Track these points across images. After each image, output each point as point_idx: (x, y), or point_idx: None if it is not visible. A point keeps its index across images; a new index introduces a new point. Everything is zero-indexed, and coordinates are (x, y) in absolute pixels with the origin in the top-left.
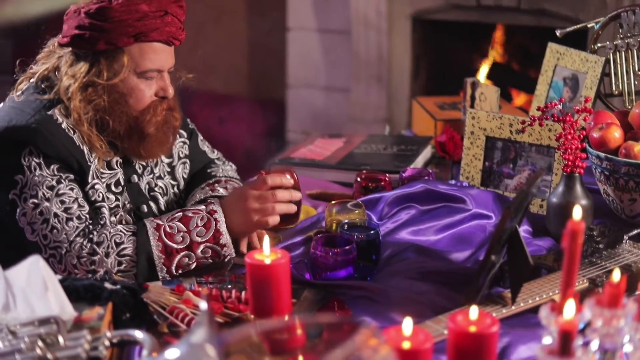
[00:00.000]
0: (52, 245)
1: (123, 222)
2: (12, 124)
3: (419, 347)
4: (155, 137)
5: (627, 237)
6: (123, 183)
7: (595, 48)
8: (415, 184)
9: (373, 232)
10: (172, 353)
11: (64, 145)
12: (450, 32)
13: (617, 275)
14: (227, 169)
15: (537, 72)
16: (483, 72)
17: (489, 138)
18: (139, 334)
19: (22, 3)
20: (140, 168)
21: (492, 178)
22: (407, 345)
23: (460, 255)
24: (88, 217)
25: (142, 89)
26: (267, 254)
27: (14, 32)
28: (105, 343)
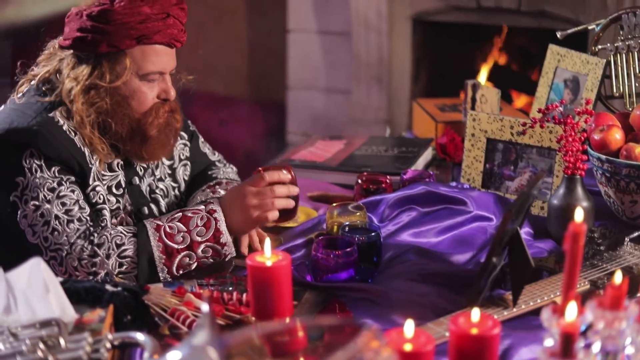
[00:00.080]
0: (53, 248)
1: (124, 224)
2: (13, 126)
3: (421, 349)
4: (157, 139)
5: (628, 239)
6: (124, 185)
7: (596, 50)
8: (416, 186)
9: (374, 234)
10: (173, 355)
11: (65, 147)
12: (451, 33)
13: (618, 278)
14: (227, 171)
15: (537, 73)
16: (483, 74)
17: (490, 140)
18: (140, 336)
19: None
20: (141, 170)
21: (493, 180)
22: (408, 348)
23: (462, 257)
24: (89, 219)
25: (144, 92)
26: (268, 256)
27: (14, 33)
28: (107, 345)
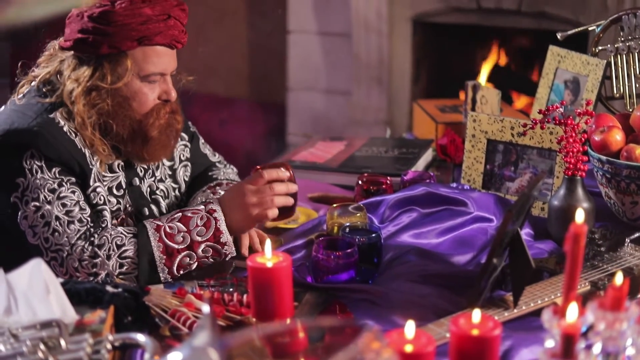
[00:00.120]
0: (53, 248)
1: (124, 225)
2: (13, 127)
3: (422, 350)
4: (159, 140)
5: (628, 240)
6: (124, 186)
7: (596, 51)
8: (417, 187)
9: (374, 235)
10: (174, 356)
11: (66, 148)
12: (451, 34)
13: (619, 279)
14: (228, 172)
15: (537, 74)
16: (484, 75)
17: (490, 141)
18: (141, 338)
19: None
20: (142, 171)
21: (493, 181)
22: (409, 349)
23: (462, 258)
24: (89, 220)
25: (145, 93)
26: (269, 257)
27: (13, 34)
28: (107, 346)
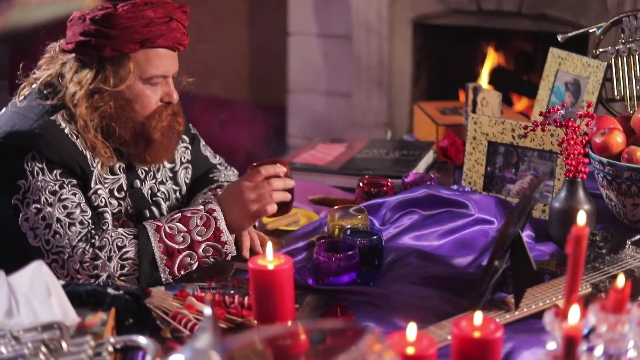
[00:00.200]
0: (54, 251)
1: (125, 227)
2: (15, 129)
3: (423, 352)
4: (161, 142)
5: (629, 242)
6: (126, 188)
7: (597, 53)
8: (418, 189)
9: (376, 237)
10: (176, 359)
11: (67, 151)
12: (451, 36)
13: (621, 281)
14: (229, 174)
15: (538, 77)
16: (484, 77)
17: (491, 143)
18: (142, 340)
19: (27, 8)
20: (143, 173)
21: (494, 183)
22: (411, 351)
23: (463, 261)
24: (90, 222)
25: (147, 95)
26: (270, 260)
27: (12, 36)
28: (109, 349)
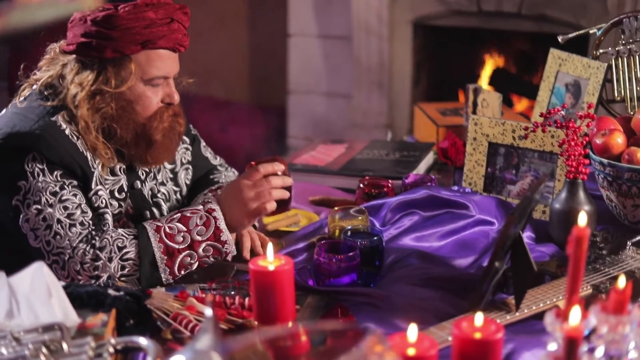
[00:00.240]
0: (55, 252)
1: (125, 227)
2: (15, 130)
3: (424, 353)
4: (162, 143)
5: (630, 243)
6: (126, 189)
7: (597, 54)
8: (418, 190)
9: (376, 238)
10: None
11: (68, 152)
12: (451, 37)
13: (622, 282)
14: (229, 175)
15: (538, 78)
16: (484, 78)
17: (492, 144)
18: (143, 341)
19: (29, 9)
20: (143, 174)
21: (494, 184)
22: (412, 352)
23: (464, 262)
24: (91, 223)
25: (148, 96)
26: (270, 261)
27: (10, 37)
28: (109, 350)
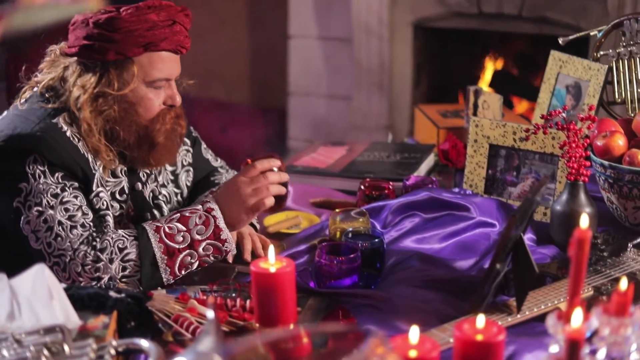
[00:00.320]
0: (56, 253)
1: (126, 229)
2: (16, 132)
3: (426, 355)
4: (165, 145)
5: (631, 245)
6: (127, 191)
7: (598, 56)
8: (419, 192)
9: (377, 240)
10: None
11: (69, 154)
12: (452, 39)
13: (624, 284)
14: (230, 177)
15: (538, 79)
16: (485, 80)
17: (493, 146)
18: (144, 343)
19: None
20: (144, 176)
21: (495, 186)
22: (413, 354)
23: (465, 264)
24: (92, 224)
25: (151, 98)
26: (272, 263)
27: (9, 39)
28: (111, 352)
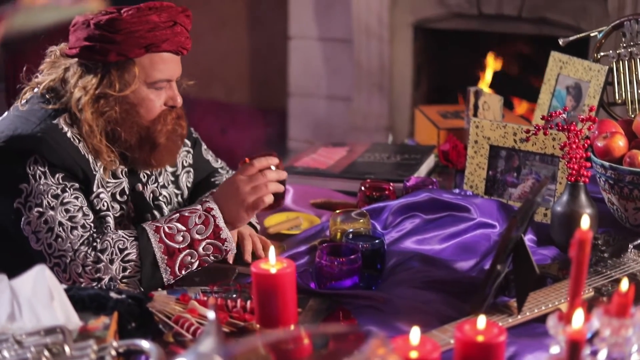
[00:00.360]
0: (56, 254)
1: (126, 230)
2: (17, 133)
3: (427, 356)
4: (166, 146)
5: (631, 246)
6: (128, 192)
7: (598, 57)
8: (420, 193)
9: (378, 241)
10: None
11: (69, 154)
12: (452, 40)
13: (625, 285)
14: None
15: (538, 80)
16: (485, 81)
17: (493, 147)
18: (145, 344)
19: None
20: (145, 177)
21: (496, 187)
22: (414, 355)
23: (465, 265)
24: (92, 225)
25: (152, 99)
26: (272, 264)
27: (10, 40)
28: (112, 353)
